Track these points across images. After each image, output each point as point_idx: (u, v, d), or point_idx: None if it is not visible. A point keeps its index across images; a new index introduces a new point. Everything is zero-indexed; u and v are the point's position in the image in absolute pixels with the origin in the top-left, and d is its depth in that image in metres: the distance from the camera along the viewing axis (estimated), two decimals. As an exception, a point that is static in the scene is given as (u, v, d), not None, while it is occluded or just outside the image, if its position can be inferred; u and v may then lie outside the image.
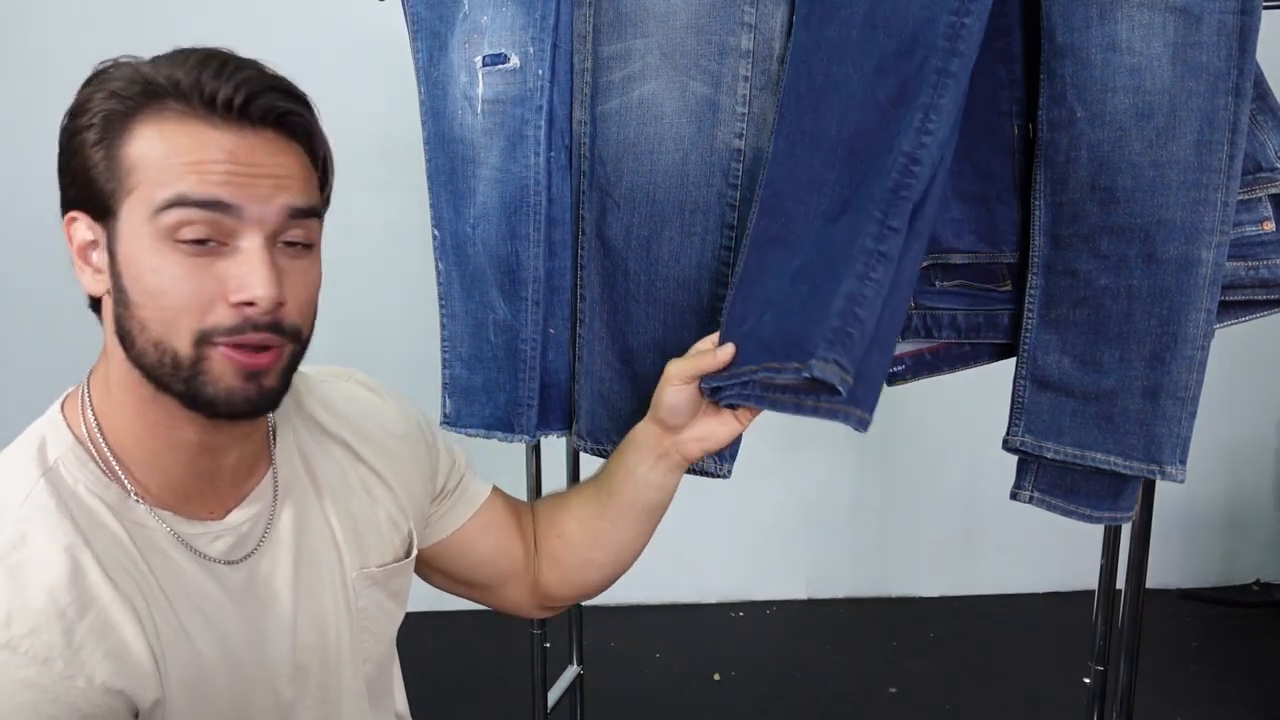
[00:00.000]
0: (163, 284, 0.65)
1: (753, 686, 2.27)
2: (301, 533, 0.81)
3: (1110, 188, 0.99)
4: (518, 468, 1.39)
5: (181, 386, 0.67)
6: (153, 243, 0.65)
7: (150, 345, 0.66)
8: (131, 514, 0.70)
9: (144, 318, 0.66)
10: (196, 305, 0.65)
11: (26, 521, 0.65)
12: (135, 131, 0.65)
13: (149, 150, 0.65)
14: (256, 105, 0.66)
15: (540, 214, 1.16)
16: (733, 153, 1.08)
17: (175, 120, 0.65)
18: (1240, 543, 2.77)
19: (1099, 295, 1.02)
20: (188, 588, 0.72)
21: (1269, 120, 1.00)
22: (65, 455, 0.70)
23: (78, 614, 0.64)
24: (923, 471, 2.59)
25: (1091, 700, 1.39)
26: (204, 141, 0.64)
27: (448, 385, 1.26)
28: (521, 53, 1.13)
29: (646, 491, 0.99)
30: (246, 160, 0.65)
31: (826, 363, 0.85)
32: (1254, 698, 2.19)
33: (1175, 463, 1.01)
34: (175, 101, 0.65)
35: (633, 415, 1.17)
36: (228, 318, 0.66)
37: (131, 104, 0.65)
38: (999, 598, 2.70)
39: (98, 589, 0.65)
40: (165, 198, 0.64)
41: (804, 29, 1.03)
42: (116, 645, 0.65)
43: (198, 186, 0.64)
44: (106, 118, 0.66)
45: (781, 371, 0.88)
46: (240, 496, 0.77)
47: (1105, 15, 0.97)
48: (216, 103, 0.65)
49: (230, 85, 0.65)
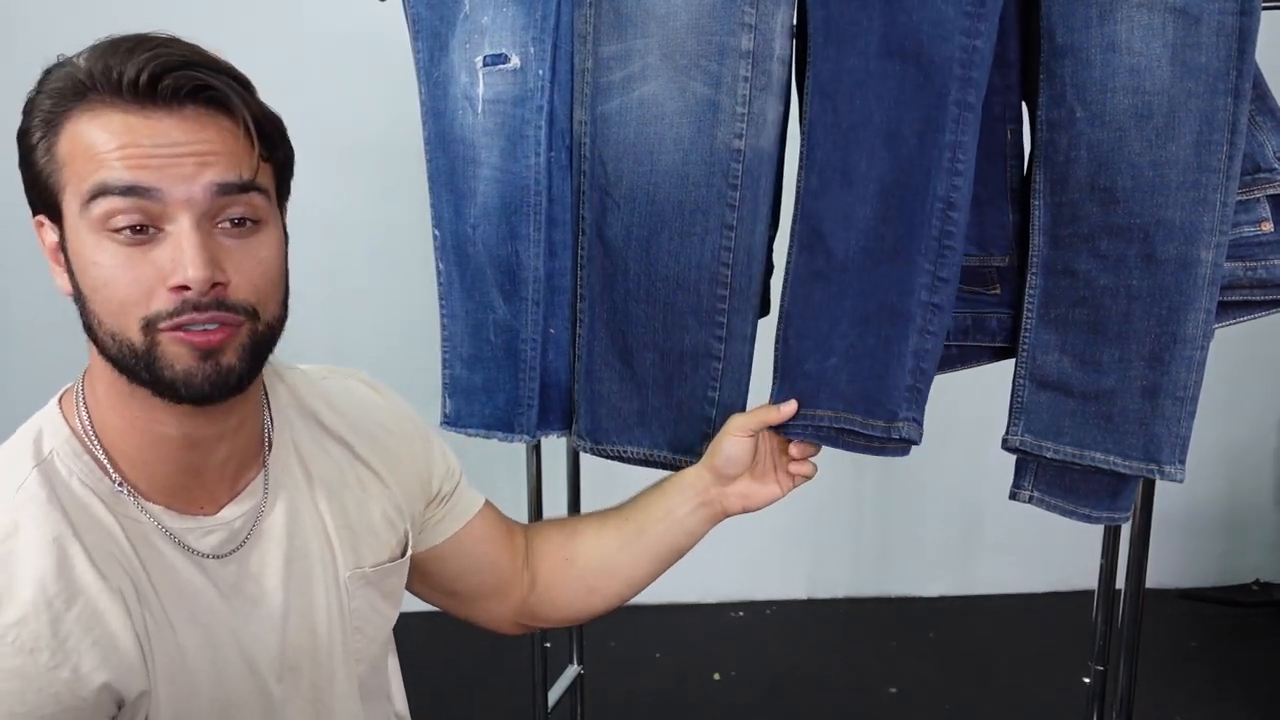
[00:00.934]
0: (104, 275, 0.65)
1: (753, 686, 2.26)
2: (294, 530, 0.80)
3: (1110, 188, 0.99)
4: (518, 468, 1.39)
5: (145, 374, 0.67)
6: (90, 236, 0.65)
7: (109, 337, 0.66)
8: (123, 507, 0.70)
9: (97, 311, 0.66)
10: (138, 294, 0.65)
11: (18, 511, 0.66)
12: (65, 128, 0.65)
13: (74, 144, 0.65)
14: (165, 83, 0.64)
15: (540, 214, 1.16)
16: (733, 153, 1.08)
17: (96, 111, 0.64)
18: (1240, 543, 2.76)
19: (1098, 295, 1.02)
20: (177, 582, 0.72)
21: (1268, 121, 1.01)
22: (61, 447, 0.70)
23: (65, 605, 0.64)
24: (923, 471, 2.59)
25: (1091, 700, 1.39)
26: (119, 128, 0.64)
27: (448, 385, 1.26)
28: (522, 53, 1.13)
29: (679, 535, 1.03)
30: (164, 140, 0.64)
31: (909, 422, 1.02)
32: (1253, 698, 2.19)
33: (1174, 462, 1.01)
34: (95, 93, 0.64)
35: (633, 415, 1.17)
36: (168, 303, 0.65)
37: (64, 102, 0.65)
38: (999, 598, 2.69)
39: (86, 580, 0.66)
40: (89, 188, 0.64)
41: (822, 60, 1.05)
42: (103, 636, 0.66)
43: (116, 173, 0.63)
44: (45, 118, 0.66)
45: (867, 427, 1.03)
46: (233, 492, 0.77)
47: (1105, 16, 0.97)
48: (123, 85, 0.64)
49: (135, 66, 0.63)
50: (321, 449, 0.85)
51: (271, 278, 0.70)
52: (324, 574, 0.82)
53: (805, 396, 1.06)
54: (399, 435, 0.92)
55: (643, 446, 1.18)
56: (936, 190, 0.98)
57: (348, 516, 0.85)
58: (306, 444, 0.84)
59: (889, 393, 1.02)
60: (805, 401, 1.06)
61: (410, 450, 0.93)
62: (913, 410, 1.02)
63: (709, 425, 1.14)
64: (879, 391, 1.03)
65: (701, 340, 1.12)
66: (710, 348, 1.12)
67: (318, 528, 0.82)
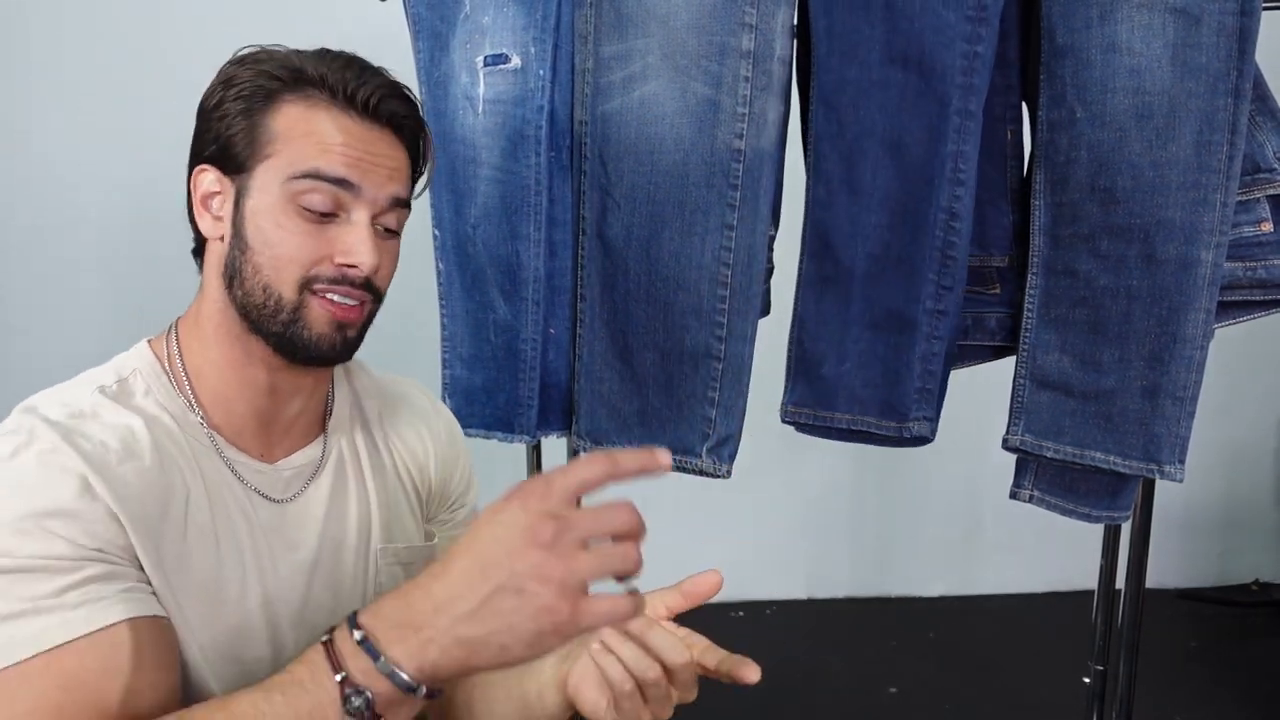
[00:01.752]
0: (282, 236, 0.75)
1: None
2: (337, 497, 0.86)
3: (1110, 188, 0.99)
4: (518, 468, 1.39)
5: (279, 328, 0.76)
6: (281, 202, 0.75)
7: (259, 287, 0.76)
8: (188, 425, 0.78)
9: (259, 263, 0.76)
10: (306, 258, 0.75)
11: (98, 405, 0.75)
12: (280, 108, 0.76)
13: (292, 126, 0.75)
14: (384, 107, 0.78)
15: (541, 214, 1.16)
16: (733, 153, 1.08)
17: (319, 107, 0.76)
18: (1239, 543, 2.77)
19: (1098, 295, 1.02)
20: (225, 500, 0.78)
21: (1268, 121, 1.01)
22: (142, 367, 0.79)
23: (117, 460, 0.71)
24: (923, 471, 2.59)
25: (1091, 699, 1.39)
26: (340, 128, 0.76)
27: (448, 385, 1.26)
28: (523, 53, 1.13)
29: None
30: (370, 150, 0.77)
31: (920, 421, 1.06)
32: (1253, 697, 2.19)
33: (1174, 462, 1.01)
34: (320, 91, 0.76)
35: (633, 415, 1.17)
36: (331, 272, 0.76)
37: (280, 85, 0.76)
38: (999, 598, 2.69)
39: (144, 453, 0.73)
40: (302, 169, 0.74)
41: (825, 70, 1.06)
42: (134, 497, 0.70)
43: (331, 165, 0.75)
44: (255, 92, 0.76)
45: (881, 427, 1.09)
46: (290, 450, 0.84)
47: (1105, 16, 0.97)
48: (355, 99, 0.76)
49: (369, 88, 0.77)
50: (372, 434, 0.92)
51: (391, 276, 0.84)
52: (358, 543, 0.87)
53: (823, 399, 1.11)
54: (444, 441, 0.96)
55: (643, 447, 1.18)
56: (940, 201, 1.01)
57: (388, 495, 0.90)
58: (360, 424, 0.91)
59: (900, 396, 1.06)
60: (823, 404, 1.11)
61: (449, 457, 0.96)
62: (924, 410, 1.06)
63: (709, 425, 1.14)
64: (891, 395, 1.07)
65: (701, 340, 1.12)
66: (710, 348, 1.12)
67: (361, 499, 0.88)
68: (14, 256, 2.33)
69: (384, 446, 0.92)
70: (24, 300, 2.36)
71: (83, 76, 2.21)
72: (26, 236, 2.30)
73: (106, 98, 2.19)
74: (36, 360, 2.20)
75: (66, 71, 2.22)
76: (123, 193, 2.24)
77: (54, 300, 2.33)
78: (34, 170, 2.27)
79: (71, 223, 2.28)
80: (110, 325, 2.26)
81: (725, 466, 1.12)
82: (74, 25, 2.25)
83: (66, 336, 2.20)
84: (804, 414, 1.14)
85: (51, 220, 2.29)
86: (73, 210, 2.27)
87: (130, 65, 2.15)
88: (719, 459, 1.12)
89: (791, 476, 2.59)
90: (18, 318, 2.37)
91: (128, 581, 0.69)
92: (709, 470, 1.13)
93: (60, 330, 2.28)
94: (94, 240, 2.27)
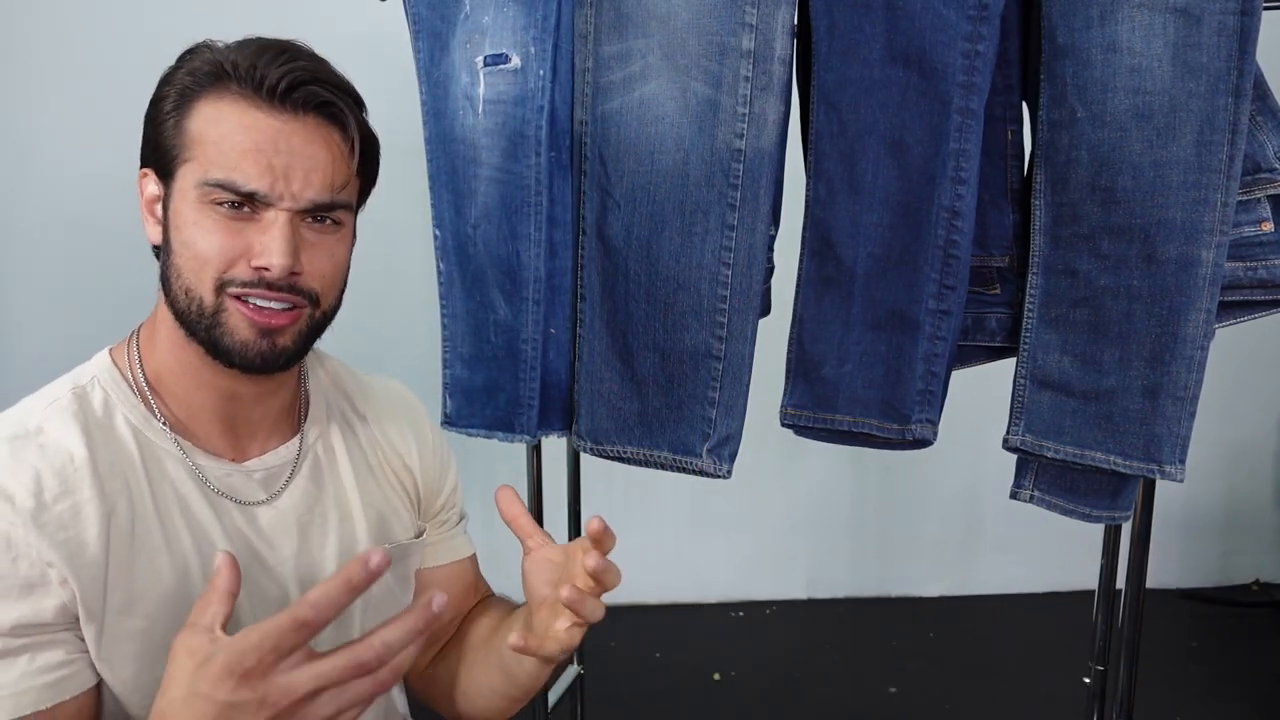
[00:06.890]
0: (197, 236, 0.73)
1: (753, 686, 2.26)
2: (313, 502, 0.84)
3: (1110, 188, 0.99)
4: (518, 468, 1.39)
5: (204, 334, 0.74)
6: (196, 203, 0.73)
7: (182, 291, 0.74)
8: (150, 431, 0.77)
9: (179, 265, 0.74)
10: (222, 259, 0.73)
11: (46, 420, 0.74)
12: (198, 109, 0.74)
13: (204, 128, 0.73)
14: (300, 93, 0.73)
15: (541, 214, 1.16)
16: (733, 153, 1.08)
17: (230, 101, 0.73)
18: (1240, 543, 2.77)
19: (1099, 295, 1.02)
20: (185, 509, 0.77)
21: (1269, 121, 1.01)
22: (101, 375, 0.78)
23: (52, 499, 0.70)
24: (922, 472, 2.59)
25: (1091, 700, 1.39)
26: (248, 125, 0.72)
27: (448, 385, 1.26)
28: (523, 53, 1.13)
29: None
30: (284, 147, 0.73)
31: (922, 423, 1.05)
32: (1253, 698, 2.19)
33: (1174, 462, 1.01)
34: (234, 84, 0.73)
35: (633, 415, 1.17)
36: (246, 274, 0.73)
37: (202, 82, 0.74)
38: (999, 598, 2.70)
39: (80, 484, 0.71)
40: (213, 180, 0.72)
41: (826, 69, 1.06)
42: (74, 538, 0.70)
43: (241, 176, 0.72)
44: (181, 92, 0.74)
45: (883, 429, 1.07)
46: (262, 449, 0.83)
47: (1106, 16, 0.97)
48: (263, 87, 0.72)
49: (279, 72, 0.72)
50: (353, 431, 0.90)
51: (337, 273, 0.80)
52: (340, 544, 0.85)
53: (823, 401, 1.10)
54: (429, 444, 0.95)
55: (643, 447, 1.18)
56: (942, 200, 1.00)
57: (373, 495, 0.88)
58: (339, 424, 0.89)
59: (902, 397, 1.05)
60: (823, 406, 1.10)
61: (432, 461, 0.96)
62: (926, 412, 1.05)
63: (709, 425, 1.14)
64: (893, 396, 1.06)
65: (701, 340, 1.12)
66: (710, 348, 1.12)
67: (341, 501, 0.86)
68: (14, 256, 2.33)
69: (367, 444, 0.90)
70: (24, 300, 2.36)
71: (83, 76, 2.21)
72: (26, 236, 2.30)
73: (107, 98, 2.18)
74: (36, 360, 2.20)
75: (66, 71, 2.22)
76: (122, 193, 2.24)
77: (54, 300, 2.33)
78: (34, 170, 2.27)
79: (71, 223, 2.28)
80: (110, 325, 2.26)
81: (725, 466, 1.12)
82: (74, 25, 2.25)
83: (66, 336, 2.20)
84: (804, 416, 1.14)
85: (52, 220, 2.29)
86: (73, 210, 2.27)
87: (131, 65, 2.15)
88: (719, 459, 1.12)
89: (791, 476, 2.59)
90: (18, 318, 2.37)
91: (54, 652, 0.68)
92: (709, 470, 1.13)
93: (60, 330, 2.27)
94: (94, 240, 2.27)
